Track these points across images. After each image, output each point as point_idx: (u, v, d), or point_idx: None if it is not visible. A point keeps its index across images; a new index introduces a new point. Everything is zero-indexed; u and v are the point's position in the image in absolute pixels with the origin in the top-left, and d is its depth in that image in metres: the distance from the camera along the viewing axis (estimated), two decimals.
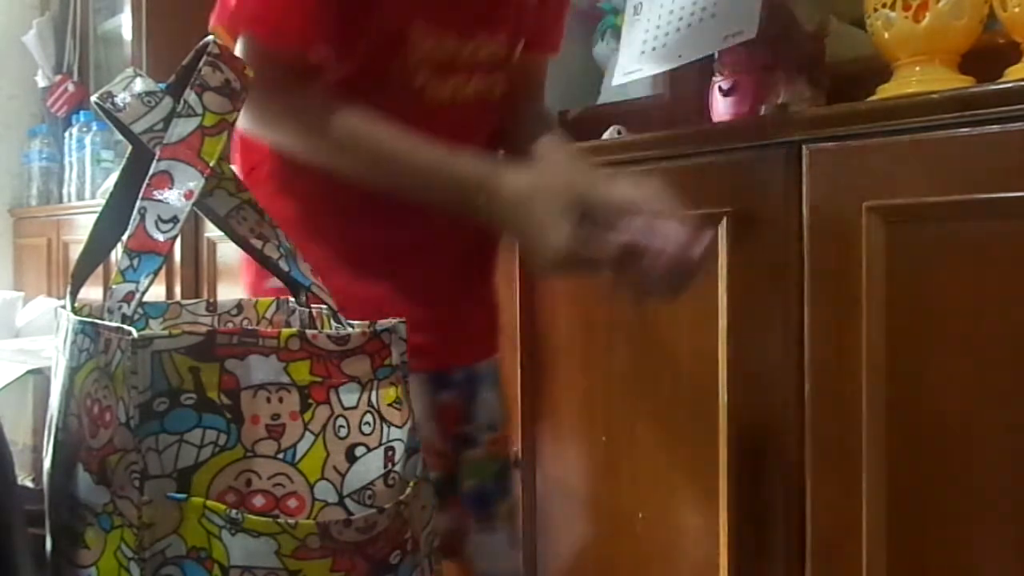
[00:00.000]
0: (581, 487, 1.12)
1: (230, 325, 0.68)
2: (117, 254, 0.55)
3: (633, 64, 1.26)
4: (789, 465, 0.90)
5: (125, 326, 0.48)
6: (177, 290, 1.97)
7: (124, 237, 0.53)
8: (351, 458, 0.50)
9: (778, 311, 0.91)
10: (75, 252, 0.79)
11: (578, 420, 1.12)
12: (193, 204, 0.53)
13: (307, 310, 0.64)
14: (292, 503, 0.48)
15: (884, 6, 0.94)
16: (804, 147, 0.88)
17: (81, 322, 0.52)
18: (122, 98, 0.55)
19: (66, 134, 2.73)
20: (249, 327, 0.68)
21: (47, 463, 0.54)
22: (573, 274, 0.71)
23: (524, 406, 1.18)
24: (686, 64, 1.17)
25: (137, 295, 0.51)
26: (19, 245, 2.86)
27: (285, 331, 0.50)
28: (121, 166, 0.59)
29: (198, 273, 1.96)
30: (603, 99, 1.51)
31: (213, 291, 1.92)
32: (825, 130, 0.87)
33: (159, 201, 0.53)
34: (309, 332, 0.50)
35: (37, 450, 1.27)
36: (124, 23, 2.39)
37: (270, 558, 0.47)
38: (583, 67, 1.55)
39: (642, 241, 0.67)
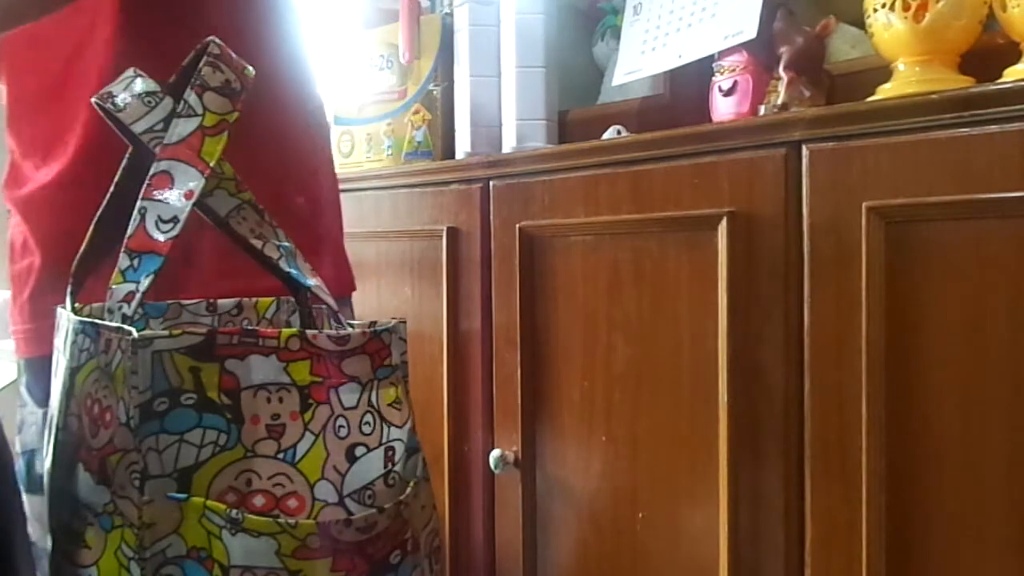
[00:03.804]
0: (581, 487, 1.12)
1: (230, 325, 0.68)
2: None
3: (633, 64, 1.26)
4: (789, 465, 0.90)
5: (125, 326, 0.48)
6: None
7: (124, 237, 0.53)
8: (351, 458, 0.50)
9: (778, 311, 0.91)
10: None
11: (578, 420, 1.12)
12: (193, 204, 0.53)
13: (307, 310, 0.64)
14: (292, 503, 0.48)
15: (884, 6, 0.94)
16: (804, 147, 0.88)
17: (81, 322, 0.52)
18: (122, 98, 0.55)
19: None
20: (249, 327, 0.68)
21: (47, 463, 0.54)
22: None
23: (524, 406, 1.18)
24: (686, 64, 1.17)
25: (137, 295, 0.51)
26: None
27: (285, 331, 0.50)
28: (121, 166, 0.59)
29: None
30: (603, 99, 1.51)
31: None
32: (825, 130, 0.87)
33: (159, 201, 0.53)
34: (309, 332, 0.51)
35: None
36: None
37: (270, 558, 0.47)
38: (583, 67, 1.55)
39: None
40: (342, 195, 0.88)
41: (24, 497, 0.55)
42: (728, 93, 1.13)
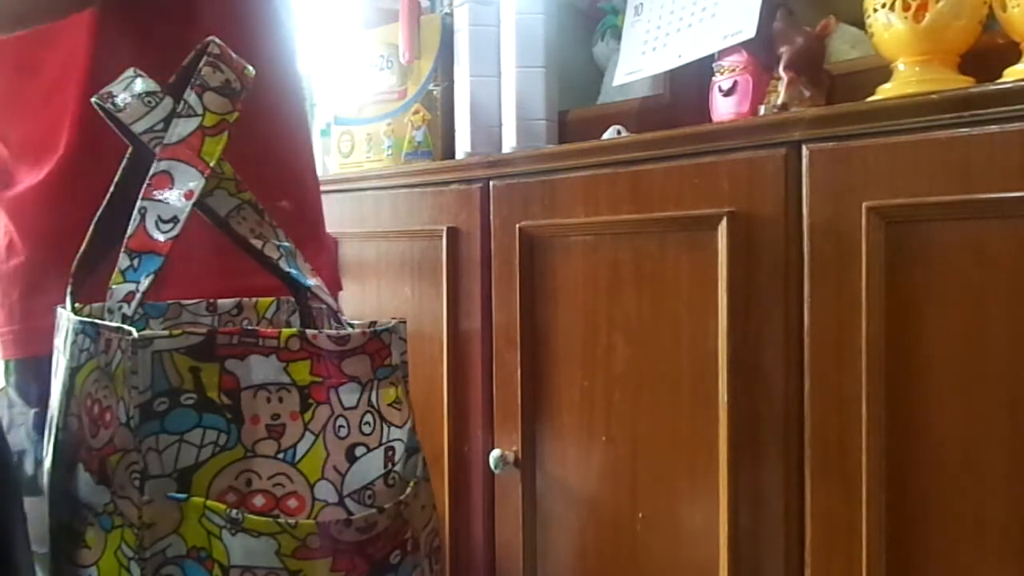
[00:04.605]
0: (581, 487, 1.12)
1: (230, 325, 0.68)
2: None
3: (633, 64, 1.26)
4: (789, 465, 0.90)
5: (125, 326, 0.48)
6: None
7: (124, 237, 0.53)
8: (351, 458, 0.50)
9: (778, 311, 0.91)
10: None
11: (578, 420, 1.12)
12: (193, 204, 0.53)
13: (307, 310, 0.64)
14: (292, 503, 0.49)
15: (884, 6, 0.94)
16: (804, 147, 0.88)
17: (81, 322, 0.52)
18: (122, 98, 0.55)
19: None
20: (249, 327, 0.68)
21: (47, 463, 0.54)
22: None
23: (524, 406, 1.18)
24: (686, 64, 1.17)
25: (137, 295, 0.51)
26: None
27: (285, 331, 0.50)
28: (121, 166, 0.59)
29: None
30: (603, 99, 1.51)
31: None
32: (825, 130, 0.87)
33: (159, 201, 0.53)
34: (309, 332, 0.51)
35: None
36: None
37: (270, 558, 0.47)
38: (583, 67, 1.55)
39: None
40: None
41: None
42: (728, 93, 1.13)
